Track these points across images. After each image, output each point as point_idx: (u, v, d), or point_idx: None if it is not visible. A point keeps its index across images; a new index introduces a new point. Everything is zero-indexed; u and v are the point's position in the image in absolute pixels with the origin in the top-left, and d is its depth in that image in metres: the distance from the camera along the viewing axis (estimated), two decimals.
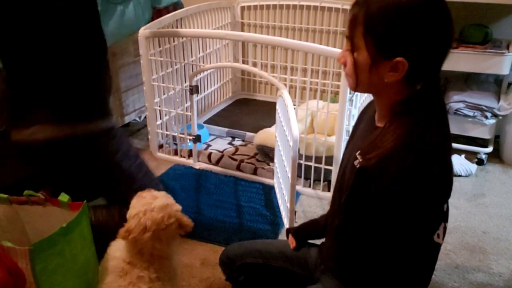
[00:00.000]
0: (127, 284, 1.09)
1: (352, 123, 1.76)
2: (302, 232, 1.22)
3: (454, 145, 2.20)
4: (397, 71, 0.83)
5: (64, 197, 1.25)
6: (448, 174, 0.84)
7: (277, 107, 1.81)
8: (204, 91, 2.62)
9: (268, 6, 2.70)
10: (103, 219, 1.52)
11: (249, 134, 2.36)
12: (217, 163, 2.13)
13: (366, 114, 1.02)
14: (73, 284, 1.15)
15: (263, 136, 2.11)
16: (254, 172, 2.05)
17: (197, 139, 2.14)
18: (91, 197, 1.70)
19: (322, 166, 1.86)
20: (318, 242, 1.18)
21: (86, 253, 1.20)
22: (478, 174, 2.09)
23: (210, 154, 2.16)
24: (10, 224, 1.32)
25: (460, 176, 2.07)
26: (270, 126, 2.17)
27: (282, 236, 1.66)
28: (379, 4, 0.81)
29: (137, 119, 2.61)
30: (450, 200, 1.98)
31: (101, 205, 1.57)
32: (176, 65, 2.11)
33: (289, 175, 1.54)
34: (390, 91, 0.87)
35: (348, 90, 1.68)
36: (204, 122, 2.52)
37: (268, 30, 2.73)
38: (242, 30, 2.79)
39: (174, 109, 2.20)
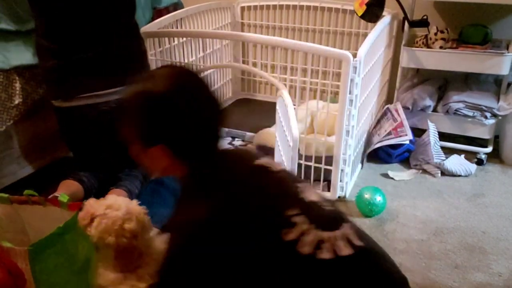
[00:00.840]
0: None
1: (352, 123, 1.76)
2: None
3: (454, 145, 2.20)
4: (164, 155, 0.88)
5: (64, 198, 1.25)
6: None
7: (277, 107, 1.81)
8: None
9: (268, 6, 2.70)
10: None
11: (249, 134, 2.36)
12: None
13: None
14: (73, 283, 1.16)
15: (263, 136, 2.11)
16: None
17: None
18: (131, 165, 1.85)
19: (322, 166, 1.86)
20: None
21: (86, 252, 1.20)
22: (477, 174, 2.09)
23: None
24: (11, 224, 1.32)
25: (459, 176, 2.07)
26: (270, 126, 2.17)
27: None
28: (132, 99, 0.87)
29: None
30: (450, 200, 2.00)
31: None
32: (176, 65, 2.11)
33: None
34: (174, 171, 0.92)
35: (348, 90, 1.68)
36: None
37: (268, 30, 2.73)
38: (242, 30, 2.79)
39: None
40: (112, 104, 1.62)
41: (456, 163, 2.09)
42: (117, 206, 1.07)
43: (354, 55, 1.66)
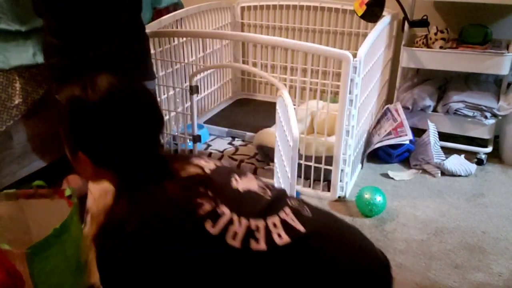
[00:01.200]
0: None
1: (352, 123, 1.76)
2: None
3: (454, 145, 2.20)
4: (86, 162, 0.87)
5: (68, 192, 1.25)
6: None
7: (277, 107, 1.81)
8: (204, 91, 2.62)
9: (268, 6, 2.70)
10: None
11: (249, 134, 2.36)
12: None
13: None
14: (71, 284, 1.16)
15: (263, 136, 2.11)
16: (254, 172, 2.05)
17: (197, 139, 2.14)
18: None
19: (322, 166, 1.86)
20: None
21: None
22: (477, 174, 2.09)
23: (210, 154, 2.16)
24: (13, 223, 1.32)
25: (459, 176, 2.07)
26: (270, 126, 2.17)
27: None
28: (64, 100, 0.86)
29: None
30: (450, 200, 1.99)
31: None
32: (176, 65, 2.11)
33: (289, 175, 1.55)
34: (100, 178, 0.91)
35: (348, 90, 1.68)
36: (204, 122, 2.52)
37: (268, 30, 2.73)
38: (242, 30, 2.79)
39: (174, 109, 2.20)
40: None
41: (456, 163, 2.09)
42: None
43: (354, 55, 1.66)
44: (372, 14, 1.91)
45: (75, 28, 1.58)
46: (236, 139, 2.40)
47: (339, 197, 1.89)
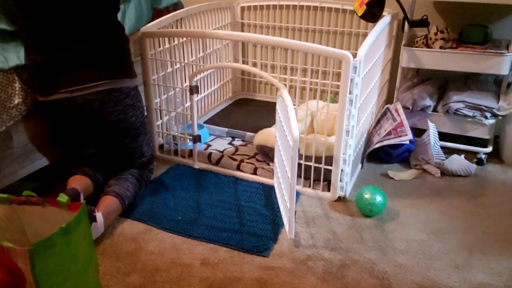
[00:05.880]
0: None
1: (352, 123, 1.76)
2: None
3: (454, 145, 2.20)
4: None
5: (63, 198, 1.25)
6: None
7: (277, 107, 1.81)
8: (204, 91, 2.62)
9: (268, 6, 2.70)
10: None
11: (249, 134, 2.36)
12: (217, 163, 2.13)
13: None
14: (73, 284, 1.16)
15: (263, 136, 2.11)
16: (254, 172, 2.05)
17: (197, 139, 2.14)
18: (121, 159, 1.90)
19: (322, 166, 1.86)
20: None
21: (86, 253, 1.20)
22: (477, 174, 2.10)
23: (210, 154, 2.16)
24: (10, 224, 1.32)
25: (460, 176, 2.07)
26: (270, 126, 2.17)
27: (282, 236, 1.66)
28: None
29: None
30: (450, 200, 1.99)
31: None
32: (176, 65, 2.11)
33: (289, 175, 1.55)
34: None
35: (348, 90, 1.68)
36: (204, 122, 2.52)
37: (268, 30, 2.73)
38: (242, 30, 2.79)
39: (174, 109, 2.20)
40: (89, 97, 1.65)
41: (456, 163, 2.09)
42: None
43: (354, 55, 1.66)
44: (372, 14, 1.92)
45: (50, 27, 1.59)
46: (236, 139, 2.40)
47: (339, 197, 1.89)
